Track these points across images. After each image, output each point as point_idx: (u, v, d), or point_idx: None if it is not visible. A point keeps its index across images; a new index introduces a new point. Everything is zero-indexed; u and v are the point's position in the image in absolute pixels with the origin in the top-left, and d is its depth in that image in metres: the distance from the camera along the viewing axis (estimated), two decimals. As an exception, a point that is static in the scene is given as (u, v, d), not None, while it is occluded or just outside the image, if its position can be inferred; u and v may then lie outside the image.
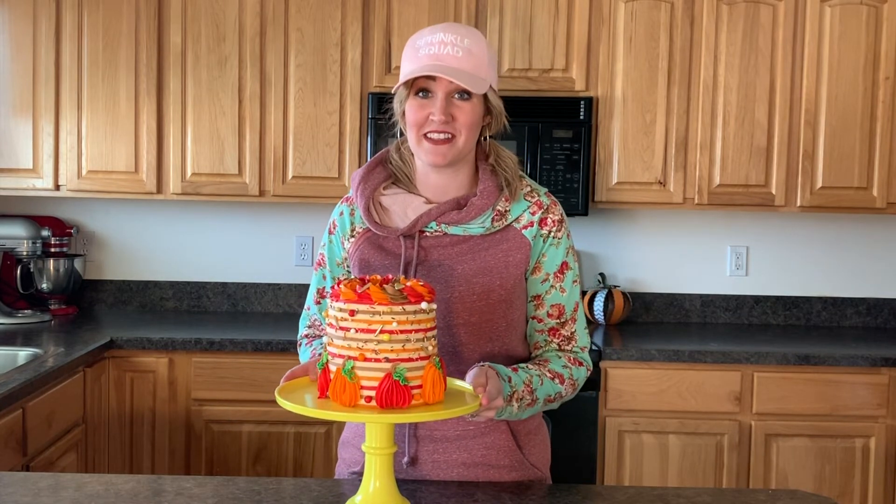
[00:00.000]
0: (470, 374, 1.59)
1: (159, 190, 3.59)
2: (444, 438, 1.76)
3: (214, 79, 3.54)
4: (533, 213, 1.79)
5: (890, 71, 3.53)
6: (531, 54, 3.53)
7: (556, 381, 1.76)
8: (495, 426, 1.78)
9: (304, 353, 1.88)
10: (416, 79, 1.72)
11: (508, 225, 1.78)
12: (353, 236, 1.83)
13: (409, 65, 1.73)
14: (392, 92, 1.78)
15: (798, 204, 3.58)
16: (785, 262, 3.96)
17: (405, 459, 1.76)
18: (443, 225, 1.76)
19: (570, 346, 1.82)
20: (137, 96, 3.55)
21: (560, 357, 1.80)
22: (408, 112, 1.75)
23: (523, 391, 1.69)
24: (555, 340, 1.82)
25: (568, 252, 1.81)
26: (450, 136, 1.72)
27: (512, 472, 1.80)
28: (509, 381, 1.67)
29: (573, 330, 1.82)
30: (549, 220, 1.79)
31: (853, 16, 3.52)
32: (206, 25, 3.53)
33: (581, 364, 1.81)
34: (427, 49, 1.71)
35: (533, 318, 1.82)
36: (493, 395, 1.56)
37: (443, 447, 1.77)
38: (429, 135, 1.73)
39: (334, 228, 1.87)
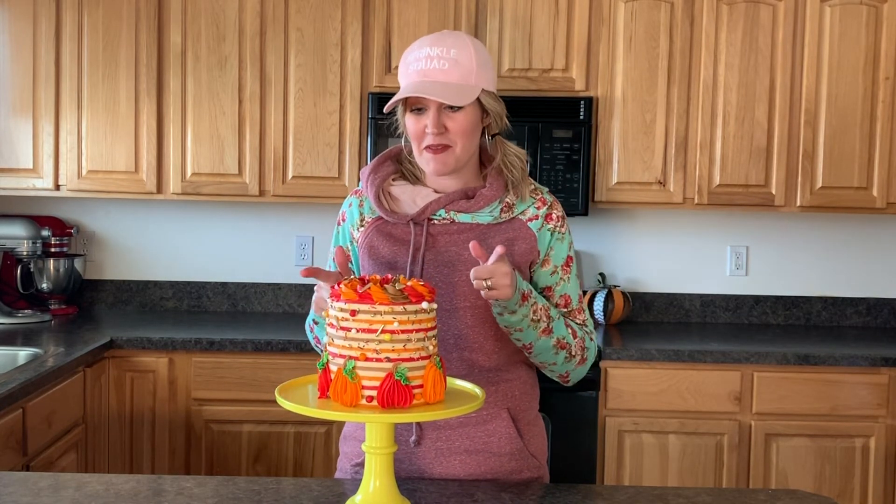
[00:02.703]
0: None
1: (159, 190, 3.59)
2: (447, 426, 1.80)
3: (214, 79, 3.54)
4: (538, 208, 1.86)
5: (890, 71, 3.53)
6: (531, 54, 3.53)
7: (569, 330, 1.82)
8: (497, 414, 1.81)
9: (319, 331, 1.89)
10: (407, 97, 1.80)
11: (514, 216, 1.84)
12: (362, 225, 1.89)
13: (402, 80, 1.81)
14: (385, 112, 1.86)
15: (798, 204, 3.58)
16: (785, 262, 3.96)
17: (412, 438, 1.79)
18: (452, 212, 1.82)
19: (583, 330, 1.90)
20: (137, 96, 3.55)
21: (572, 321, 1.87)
22: (406, 126, 1.83)
23: (540, 307, 1.74)
24: None
25: (570, 247, 1.89)
26: (446, 146, 1.79)
27: (512, 461, 1.82)
28: (526, 296, 1.71)
29: (583, 319, 1.89)
30: (553, 215, 1.87)
31: (853, 16, 3.52)
32: (206, 25, 3.53)
33: (591, 338, 1.88)
34: (415, 65, 1.79)
35: None
36: (494, 268, 1.61)
37: (446, 434, 1.80)
38: (427, 147, 1.80)
39: (343, 220, 1.94)
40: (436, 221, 1.82)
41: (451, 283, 1.78)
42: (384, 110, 1.84)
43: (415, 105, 1.79)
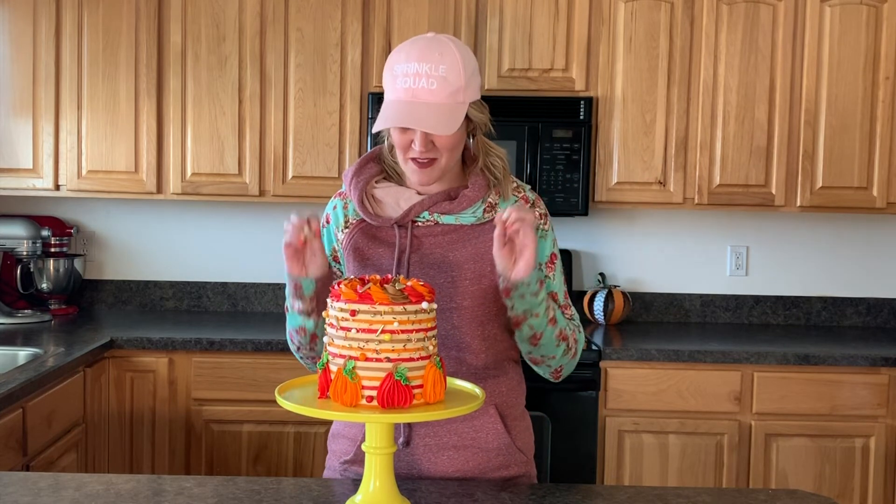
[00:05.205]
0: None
1: (159, 190, 3.59)
2: (436, 423, 1.80)
3: (214, 79, 3.54)
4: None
5: (890, 71, 3.53)
6: (531, 54, 3.53)
7: (565, 320, 1.84)
8: (484, 410, 1.82)
9: (294, 318, 1.85)
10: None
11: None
12: (346, 227, 1.89)
13: (388, 94, 1.78)
14: (374, 133, 1.85)
15: (798, 204, 3.58)
16: (785, 262, 3.96)
17: (400, 440, 1.80)
18: (435, 214, 1.83)
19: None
20: (137, 96, 3.55)
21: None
22: (392, 135, 1.81)
23: (548, 299, 1.77)
24: None
25: (554, 244, 1.90)
26: (432, 158, 1.78)
27: (500, 457, 1.83)
28: (542, 281, 1.74)
29: (571, 314, 1.90)
30: (536, 213, 1.87)
31: (853, 16, 3.52)
32: (206, 25, 3.53)
33: (580, 331, 1.91)
34: (403, 81, 1.74)
35: None
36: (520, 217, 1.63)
37: (434, 431, 1.81)
38: (413, 159, 1.79)
39: (327, 222, 1.94)
40: (420, 224, 1.83)
41: (437, 286, 1.77)
42: (372, 131, 1.84)
43: None
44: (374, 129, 1.81)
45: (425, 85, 1.73)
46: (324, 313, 1.55)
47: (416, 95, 1.73)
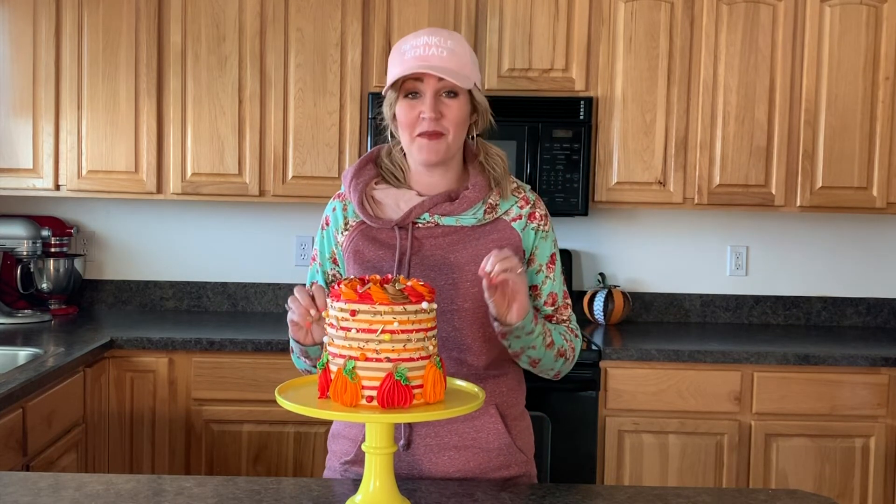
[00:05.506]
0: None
1: (159, 190, 3.59)
2: (437, 423, 1.81)
3: (214, 79, 3.54)
4: (521, 208, 1.87)
5: (890, 71, 3.53)
6: (531, 54, 3.53)
7: (563, 338, 1.86)
8: (485, 410, 1.83)
9: (299, 362, 1.88)
10: (404, 81, 1.79)
11: (498, 217, 1.85)
12: (346, 230, 1.88)
13: (396, 68, 1.80)
14: (382, 95, 1.85)
15: (798, 204, 3.58)
16: (785, 262, 3.96)
17: (402, 442, 1.80)
18: (436, 216, 1.83)
19: (566, 326, 1.93)
20: (137, 96, 3.55)
21: (558, 325, 1.90)
22: (399, 113, 1.82)
23: (544, 325, 1.79)
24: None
25: (554, 244, 1.91)
26: (440, 133, 1.79)
27: (500, 456, 1.84)
28: (535, 315, 1.75)
29: (568, 315, 1.92)
30: (537, 214, 1.88)
31: (853, 16, 3.52)
32: (206, 25, 3.53)
33: (577, 336, 1.92)
34: (413, 52, 1.78)
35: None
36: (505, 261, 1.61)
37: (435, 431, 1.81)
38: (421, 133, 1.79)
39: (327, 224, 1.93)
40: (420, 225, 1.83)
41: (437, 287, 1.77)
42: (383, 93, 1.83)
43: (410, 90, 1.79)
44: (388, 83, 1.80)
45: (435, 52, 1.77)
46: (324, 313, 1.55)
47: (427, 60, 1.76)
